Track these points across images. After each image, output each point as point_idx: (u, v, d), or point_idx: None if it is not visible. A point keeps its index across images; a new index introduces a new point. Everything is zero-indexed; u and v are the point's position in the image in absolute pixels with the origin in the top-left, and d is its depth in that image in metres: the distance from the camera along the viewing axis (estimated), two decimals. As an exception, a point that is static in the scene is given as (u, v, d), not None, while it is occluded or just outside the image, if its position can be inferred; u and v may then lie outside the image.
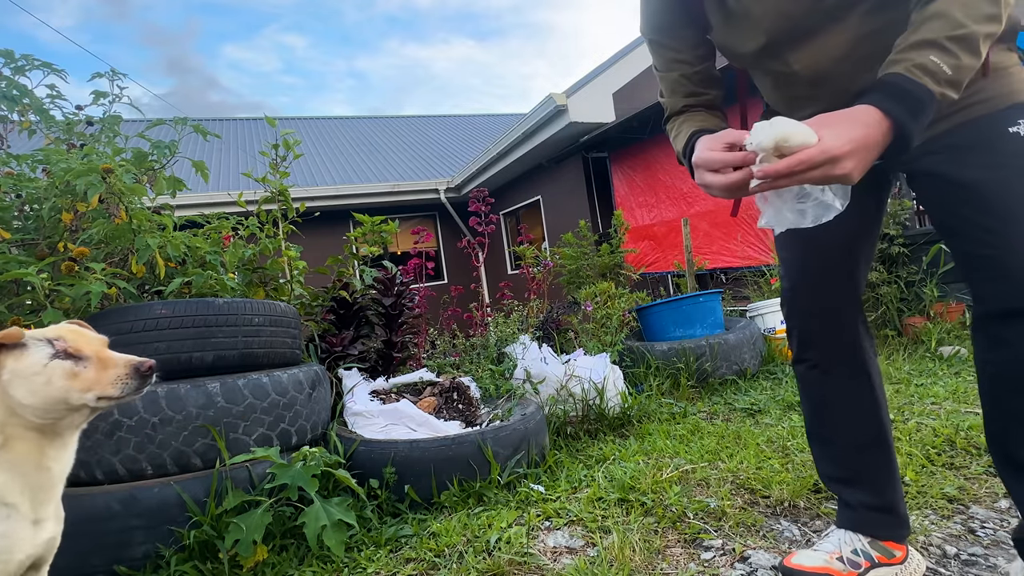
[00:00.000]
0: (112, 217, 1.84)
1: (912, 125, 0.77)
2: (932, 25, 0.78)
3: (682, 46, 1.09)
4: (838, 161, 0.74)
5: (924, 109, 0.77)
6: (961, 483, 1.57)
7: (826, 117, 0.78)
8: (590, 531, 1.54)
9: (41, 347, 0.89)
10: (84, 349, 0.91)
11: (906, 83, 0.78)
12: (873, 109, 0.77)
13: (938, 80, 0.77)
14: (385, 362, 2.76)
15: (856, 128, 0.76)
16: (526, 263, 4.21)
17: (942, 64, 0.77)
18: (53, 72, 2.25)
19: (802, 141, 0.74)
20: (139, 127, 2.37)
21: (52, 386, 0.87)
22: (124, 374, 0.91)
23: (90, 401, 0.89)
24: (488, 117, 16.53)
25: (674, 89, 1.11)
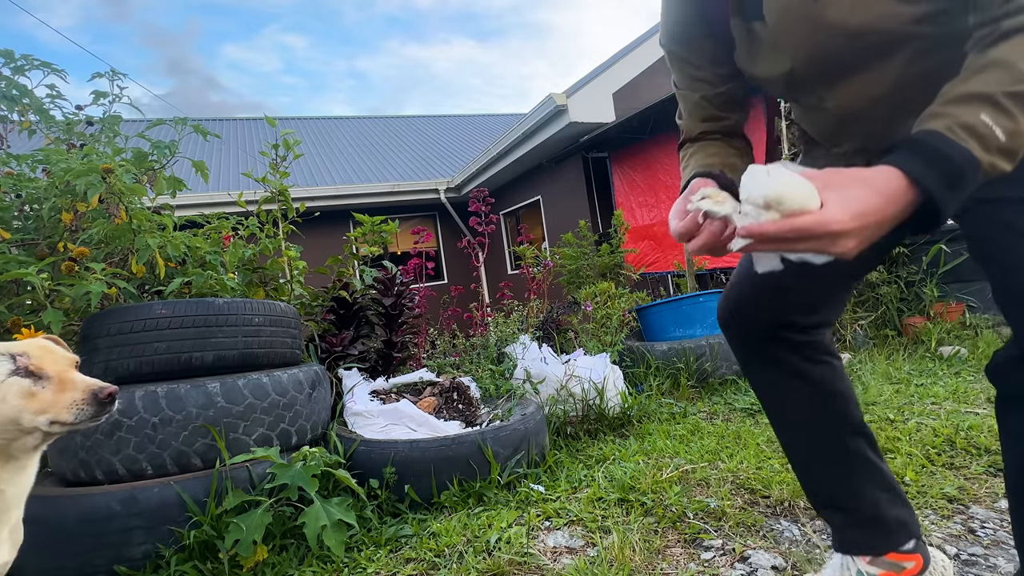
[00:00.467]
0: (112, 217, 1.84)
1: (946, 199, 0.62)
2: (989, 76, 0.63)
3: (702, 62, 0.99)
4: (837, 238, 0.60)
5: (963, 180, 0.62)
6: (961, 483, 1.57)
7: (838, 176, 0.64)
8: (590, 531, 1.54)
9: (2, 362, 0.84)
10: (47, 368, 0.86)
11: (945, 145, 0.62)
12: (897, 173, 0.62)
13: (987, 146, 0.62)
14: (385, 362, 2.76)
15: (869, 197, 0.61)
16: (526, 263, 4.21)
17: (994, 126, 0.61)
18: (53, 72, 2.25)
19: (800, 205, 0.60)
20: (139, 127, 2.37)
21: (5, 404, 0.82)
22: (81, 399, 0.85)
23: (42, 424, 0.84)
24: (488, 117, 16.52)
25: (692, 111, 1.02)
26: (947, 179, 0.62)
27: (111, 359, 1.62)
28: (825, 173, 0.65)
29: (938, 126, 0.64)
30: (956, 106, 0.64)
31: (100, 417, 0.87)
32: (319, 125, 14.79)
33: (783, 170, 0.62)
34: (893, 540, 1.06)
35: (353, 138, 13.52)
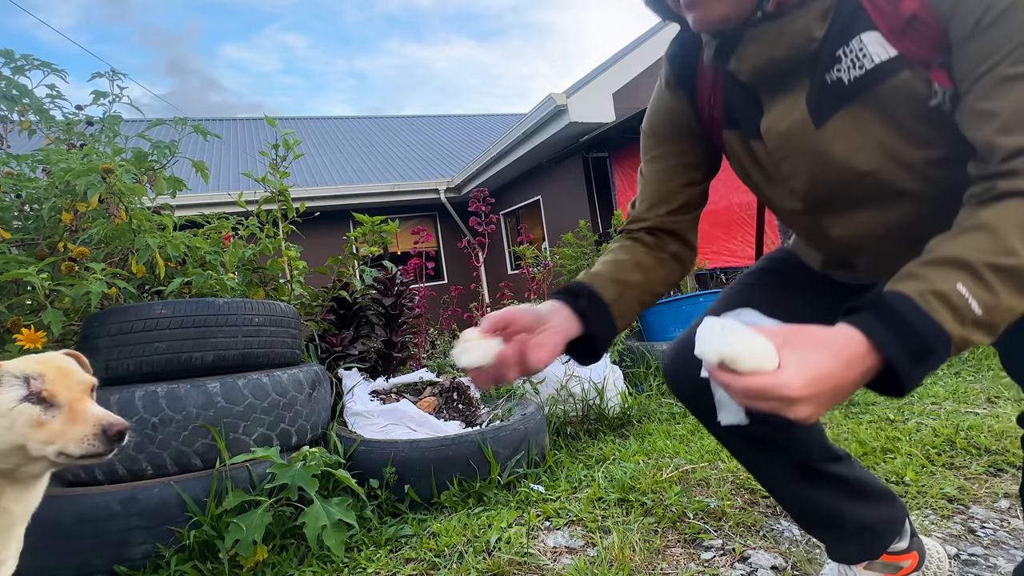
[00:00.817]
0: (112, 217, 1.84)
1: (910, 373, 0.57)
2: (974, 240, 0.58)
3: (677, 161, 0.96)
4: (792, 403, 0.55)
5: (931, 355, 0.57)
6: (961, 483, 1.57)
7: (797, 335, 0.58)
8: (590, 531, 1.54)
9: (15, 386, 0.82)
10: (60, 395, 0.84)
11: (914, 314, 0.57)
12: (859, 337, 0.57)
13: (962, 319, 0.56)
14: (385, 362, 2.76)
15: (827, 362, 0.56)
16: (526, 263, 4.21)
17: (971, 298, 0.56)
18: (53, 72, 2.25)
19: (755, 367, 0.55)
20: (139, 127, 2.37)
21: (12, 432, 0.80)
22: (91, 434, 0.83)
23: (50, 455, 0.82)
24: (488, 117, 16.52)
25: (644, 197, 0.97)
26: (912, 352, 0.56)
27: (111, 359, 1.62)
28: (784, 330, 0.59)
29: (910, 291, 0.58)
30: (934, 270, 0.59)
31: (107, 455, 0.84)
32: (319, 125, 14.79)
33: (738, 325, 0.58)
34: (885, 541, 1.05)
35: (353, 138, 13.52)
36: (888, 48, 0.68)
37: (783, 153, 0.79)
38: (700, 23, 0.73)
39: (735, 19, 0.72)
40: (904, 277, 0.60)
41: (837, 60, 0.71)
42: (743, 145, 0.87)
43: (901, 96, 0.68)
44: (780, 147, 0.79)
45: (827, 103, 0.73)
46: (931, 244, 0.62)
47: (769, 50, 0.72)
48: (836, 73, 0.71)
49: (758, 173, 0.87)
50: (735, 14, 0.71)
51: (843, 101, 0.72)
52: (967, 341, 0.57)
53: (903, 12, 0.66)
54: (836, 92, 0.72)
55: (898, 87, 0.68)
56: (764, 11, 0.71)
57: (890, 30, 0.67)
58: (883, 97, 0.69)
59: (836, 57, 0.71)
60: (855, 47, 0.69)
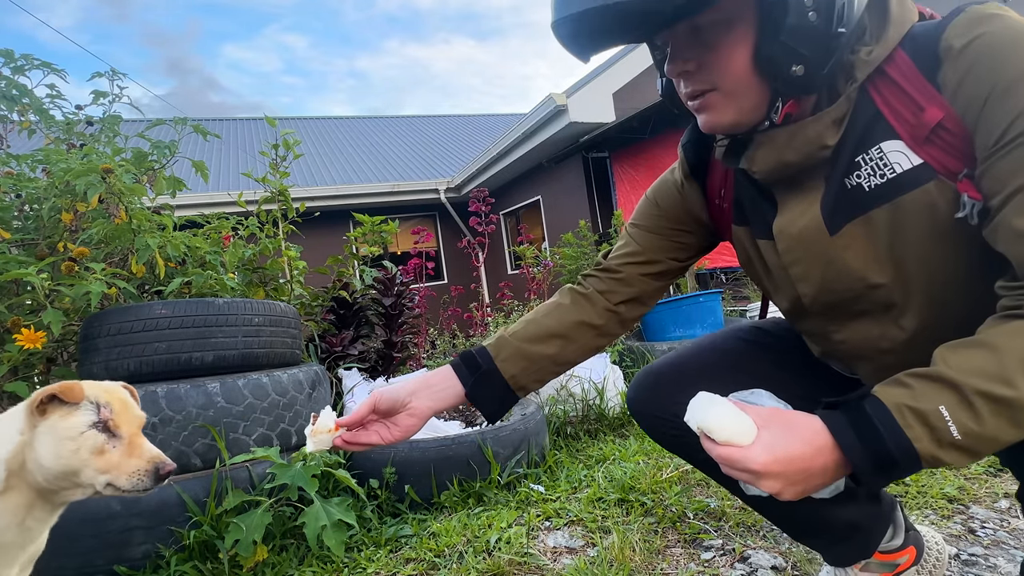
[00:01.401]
0: (112, 217, 1.84)
1: (871, 481, 0.58)
2: (973, 357, 0.56)
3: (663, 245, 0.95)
4: (758, 476, 0.58)
5: (895, 468, 0.57)
6: (961, 483, 1.57)
7: (775, 417, 0.62)
8: (590, 531, 1.54)
9: (88, 411, 0.83)
10: (122, 427, 0.85)
11: (886, 426, 0.57)
12: (826, 433, 0.59)
13: (938, 440, 0.55)
14: (385, 362, 2.76)
15: (794, 445, 0.58)
16: (526, 263, 4.21)
17: (951, 422, 0.55)
18: (53, 72, 2.26)
19: (728, 438, 0.61)
20: (139, 127, 2.37)
21: (76, 456, 0.81)
22: (144, 470, 0.84)
23: (98, 484, 0.83)
24: (488, 117, 16.52)
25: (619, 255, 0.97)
26: (876, 462, 0.57)
27: (111, 359, 1.62)
28: (766, 411, 0.63)
29: (890, 400, 0.58)
30: (923, 383, 0.57)
31: (151, 490, 0.86)
32: (319, 125, 14.79)
33: (725, 402, 0.63)
34: (876, 538, 1.04)
35: (353, 138, 13.52)
36: (912, 157, 0.66)
37: (794, 256, 0.77)
38: (709, 127, 0.73)
39: (745, 126, 0.72)
40: (892, 383, 0.60)
41: (857, 167, 0.69)
42: (752, 243, 0.85)
43: (924, 208, 0.66)
44: (791, 250, 0.77)
45: (843, 210, 0.71)
46: (936, 352, 0.60)
47: (780, 154, 0.71)
48: (855, 179, 0.70)
49: (765, 272, 0.86)
50: (745, 121, 0.71)
51: (860, 209, 0.70)
52: (939, 461, 0.56)
53: (927, 121, 0.64)
54: (854, 199, 0.70)
55: (921, 198, 0.66)
56: (772, 121, 0.70)
57: (913, 138, 0.66)
58: (905, 208, 0.67)
59: (856, 163, 0.69)
60: (875, 155, 0.68)
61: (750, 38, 0.65)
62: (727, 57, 0.67)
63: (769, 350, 1.00)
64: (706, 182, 0.91)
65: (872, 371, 0.83)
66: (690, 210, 0.94)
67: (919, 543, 1.10)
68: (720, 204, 0.90)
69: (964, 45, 0.61)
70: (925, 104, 0.64)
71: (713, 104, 0.70)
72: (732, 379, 0.86)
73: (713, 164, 0.90)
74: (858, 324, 0.78)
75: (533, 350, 0.93)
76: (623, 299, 0.97)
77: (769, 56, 0.65)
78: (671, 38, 0.70)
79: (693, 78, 0.70)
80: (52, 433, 0.81)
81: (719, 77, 0.68)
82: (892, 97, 0.67)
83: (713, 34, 0.66)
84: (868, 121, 0.68)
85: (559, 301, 0.98)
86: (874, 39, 0.67)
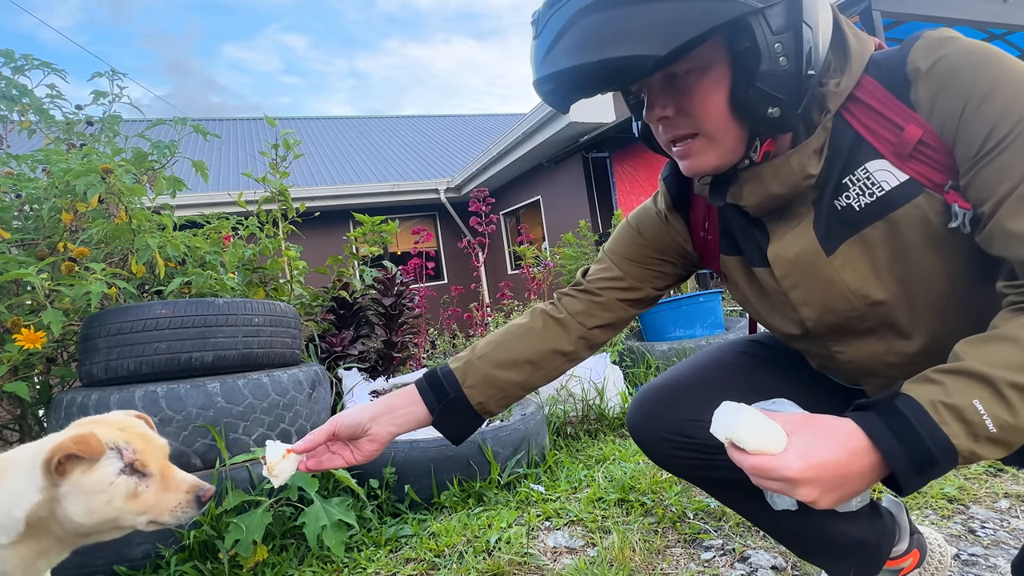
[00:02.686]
0: (112, 217, 1.84)
1: (911, 480, 0.57)
2: (999, 351, 0.57)
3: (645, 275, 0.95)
4: (794, 484, 0.56)
5: (934, 466, 0.56)
6: (961, 483, 1.57)
7: (807, 422, 0.60)
8: (590, 531, 1.54)
9: (111, 459, 0.77)
10: (150, 464, 0.80)
11: (924, 424, 0.56)
12: (861, 435, 0.58)
13: (974, 435, 0.55)
14: (385, 362, 2.76)
15: (830, 450, 0.57)
16: (526, 263, 4.21)
17: (986, 415, 0.54)
18: (53, 72, 2.26)
19: (759, 446, 0.59)
20: (139, 127, 2.37)
21: (110, 506, 0.76)
22: (185, 501, 0.81)
23: (140, 525, 0.79)
24: (488, 117, 16.53)
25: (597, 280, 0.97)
26: (916, 461, 0.56)
27: (111, 359, 1.62)
28: (796, 417, 0.61)
29: (923, 398, 0.57)
30: (953, 379, 0.57)
31: (195, 517, 0.83)
32: (319, 125, 14.80)
33: (752, 410, 0.61)
34: (885, 551, 1.03)
35: (353, 138, 13.52)
36: (898, 174, 0.68)
37: (792, 281, 0.77)
38: (693, 171, 0.74)
39: (726, 166, 0.73)
40: (921, 380, 0.59)
41: (844, 188, 0.71)
42: (745, 271, 0.86)
43: (916, 221, 0.67)
44: (789, 275, 0.77)
45: (837, 231, 0.72)
46: (958, 348, 0.60)
47: (767, 187, 0.73)
48: (845, 200, 0.71)
49: (760, 299, 0.86)
50: (727, 162, 0.72)
51: (854, 228, 0.71)
52: (976, 456, 0.56)
53: (908, 139, 0.66)
54: (846, 219, 0.72)
55: (912, 212, 0.67)
56: (751, 159, 0.72)
57: (897, 156, 0.68)
58: (898, 223, 0.68)
59: (843, 185, 0.71)
60: (861, 176, 0.70)
61: (725, 82, 0.67)
62: (704, 101, 0.68)
63: (769, 363, 0.99)
64: (689, 215, 0.92)
65: (880, 386, 0.82)
66: (674, 240, 0.94)
67: (922, 546, 1.10)
68: (705, 236, 0.90)
69: (931, 65, 0.64)
70: (903, 123, 0.67)
71: (696, 150, 0.72)
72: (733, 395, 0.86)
73: (695, 197, 0.90)
74: (863, 343, 0.78)
75: (502, 377, 0.91)
76: (599, 324, 0.96)
77: (745, 100, 0.66)
78: (647, 86, 0.72)
79: (672, 123, 0.72)
80: (79, 491, 0.75)
81: (700, 121, 0.69)
82: (868, 120, 0.69)
83: (689, 80, 0.68)
84: (850, 145, 0.70)
85: (530, 325, 0.95)
86: (839, 72, 0.70)
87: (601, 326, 0.96)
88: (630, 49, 0.60)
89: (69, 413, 1.53)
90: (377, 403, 0.90)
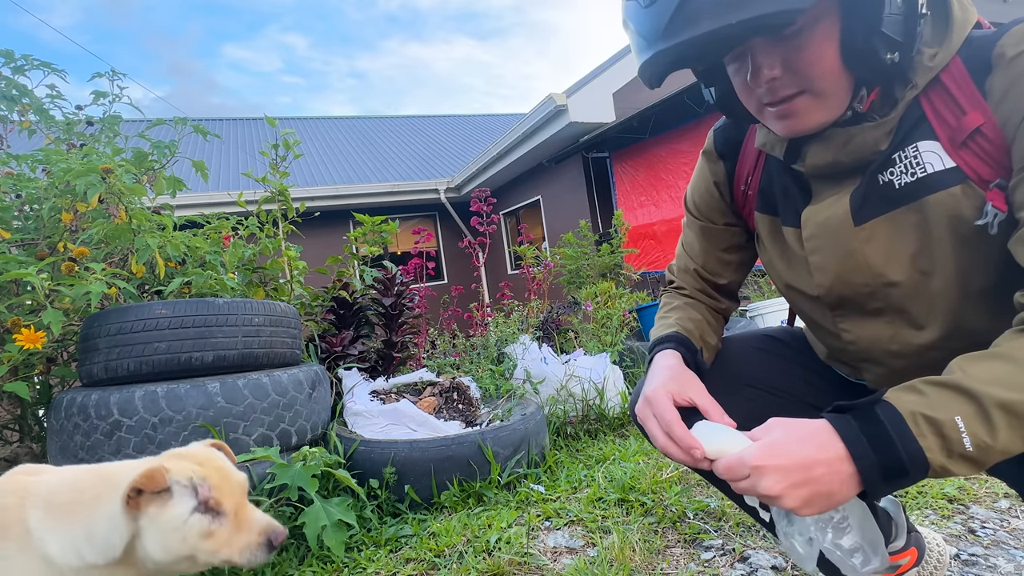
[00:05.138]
0: (112, 217, 1.84)
1: (876, 487, 0.57)
2: (992, 368, 0.56)
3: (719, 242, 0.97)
4: (759, 474, 0.58)
5: (903, 477, 0.56)
6: (961, 483, 1.57)
7: (782, 422, 0.62)
8: (590, 531, 1.54)
9: (185, 496, 0.77)
10: (225, 503, 0.79)
11: (899, 432, 0.55)
12: (831, 432, 0.58)
13: (948, 451, 0.54)
14: (385, 362, 2.76)
15: (793, 441, 0.58)
16: (526, 263, 4.21)
17: (965, 433, 0.54)
18: (53, 72, 2.25)
19: (718, 452, 0.65)
20: (139, 127, 2.37)
21: (185, 544, 0.76)
22: (256, 543, 0.79)
23: (216, 561, 0.78)
24: (488, 117, 16.52)
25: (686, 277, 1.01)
26: (884, 468, 0.56)
27: (111, 359, 1.62)
28: (768, 423, 0.63)
29: (904, 407, 0.56)
30: (939, 391, 0.56)
31: (266, 559, 0.81)
32: (319, 125, 14.79)
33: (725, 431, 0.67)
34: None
35: (353, 138, 13.52)
36: (945, 159, 0.66)
37: (815, 244, 0.77)
38: (794, 130, 0.71)
39: (829, 123, 0.71)
40: (906, 389, 0.59)
41: (892, 163, 0.70)
42: (774, 230, 0.86)
43: (947, 211, 0.66)
44: (814, 236, 0.77)
45: (872, 204, 0.72)
46: (952, 363, 0.59)
47: (835, 154, 0.72)
48: (888, 176, 0.70)
49: (782, 261, 0.85)
50: (831, 118, 0.70)
51: (889, 205, 0.70)
52: (947, 471, 0.56)
53: (967, 125, 0.64)
54: (884, 195, 0.71)
55: (945, 201, 0.66)
56: (855, 111, 0.70)
57: (951, 141, 0.66)
58: (929, 208, 0.67)
59: (891, 160, 0.70)
60: (910, 154, 0.68)
61: (836, 32, 0.64)
62: (818, 55, 0.65)
63: (779, 358, 1.00)
64: (735, 167, 0.92)
65: (880, 376, 0.82)
66: (721, 208, 0.95)
67: (920, 545, 1.10)
68: (745, 190, 0.90)
69: (1017, 54, 0.61)
70: (968, 108, 0.64)
71: (803, 108, 0.69)
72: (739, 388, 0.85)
73: (744, 151, 0.90)
74: (870, 324, 0.77)
75: (708, 340, 0.94)
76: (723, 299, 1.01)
77: (865, 48, 0.63)
78: (746, 48, 0.69)
79: (779, 83, 0.68)
80: (155, 527, 0.75)
81: (810, 77, 0.66)
82: (939, 101, 0.67)
83: (800, 36, 0.65)
84: (914, 122, 0.68)
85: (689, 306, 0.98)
86: (936, 41, 0.67)
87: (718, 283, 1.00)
88: (774, 5, 0.57)
89: (69, 413, 1.53)
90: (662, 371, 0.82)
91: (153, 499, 0.76)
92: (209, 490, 0.78)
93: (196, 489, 0.78)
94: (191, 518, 0.76)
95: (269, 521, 0.82)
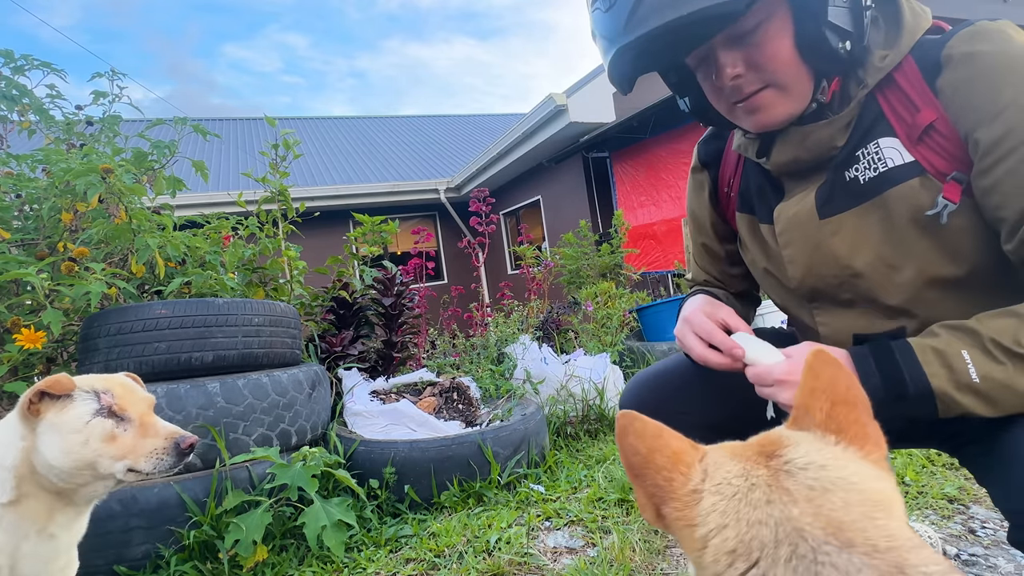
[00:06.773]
0: (112, 217, 1.84)
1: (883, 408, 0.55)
2: (997, 323, 0.60)
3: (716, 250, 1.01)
4: (780, 387, 0.68)
5: (906, 401, 0.61)
6: (961, 483, 1.57)
7: (813, 345, 0.69)
8: (590, 531, 1.54)
9: (87, 400, 0.79)
10: (129, 409, 0.81)
11: (906, 359, 0.61)
12: (849, 360, 0.65)
13: (956, 381, 0.59)
14: (385, 362, 2.76)
15: None
16: (526, 263, 4.20)
17: (971, 365, 0.58)
18: (53, 72, 2.25)
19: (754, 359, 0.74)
20: (139, 127, 2.37)
21: (87, 447, 0.77)
22: (162, 448, 0.81)
23: (118, 472, 0.79)
24: (488, 117, 16.52)
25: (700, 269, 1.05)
26: (891, 392, 0.61)
27: (111, 359, 1.62)
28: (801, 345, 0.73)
29: (916, 342, 0.63)
30: (950, 332, 0.63)
31: (176, 468, 0.82)
32: (319, 125, 14.79)
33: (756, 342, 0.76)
34: None
35: (353, 138, 13.51)
36: (904, 154, 0.69)
37: (787, 238, 0.81)
38: (763, 124, 0.74)
39: (796, 115, 0.73)
40: (924, 333, 0.65)
41: (856, 160, 0.73)
42: (752, 229, 0.89)
43: (908, 203, 0.69)
44: (786, 231, 0.81)
45: (839, 199, 0.75)
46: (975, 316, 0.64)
47: (795, 151, 0.76)
48: (854, 172, 0.73)
49: (762, 257, 0.89)
50: (797, 110, 0.73)
51: (855, 200, 0.74)
52: (956, 403, 0.60)
53: (920, 121, 0.68)
54: (850, 190, 0.74)
55: (906, 193, 0.69)
56: (819, 103, 0.73)
57: (908, 137, 0.69)
58: (891, 202, 0.70)
59: (855, 157, 0.73)
60: (872, 150, 0.72)
61: (789, 26, 0.68)
62: (775, 49, 0.69)
63: None
64: (718, 172, 0.96)
65: None
66: (713, 221, 0.99)
67: None
68: (728, 193, 0.94)
69: (963, 55, 0.65)
70: (921, 106, 0.68)
71: (767, 102, 0.72)
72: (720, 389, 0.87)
73: (726, 156, 0.94)
74: (845, 315, 0.80)
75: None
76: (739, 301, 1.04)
77: (816, 39, 0.67)
78: (709, 51, 0.73)
79: (743, 80, 0.72)
80: (54, 430, 0.77)
81: (771, 71, 0.70)
82: (895, 99, 0.71)
83: (755, 33, 0.69)
84: (872, 119, 0.72)
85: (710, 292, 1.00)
86: (887, 44, 0.70)
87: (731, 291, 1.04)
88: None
89: (69, 413, 1.53)
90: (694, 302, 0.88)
91: (53, 403, 0.78)
92: (112, 398, 0.81)
93: (99, 395, 0.80)
94: (93, 420, 0.78)
95: (176, 428, 0.84)
